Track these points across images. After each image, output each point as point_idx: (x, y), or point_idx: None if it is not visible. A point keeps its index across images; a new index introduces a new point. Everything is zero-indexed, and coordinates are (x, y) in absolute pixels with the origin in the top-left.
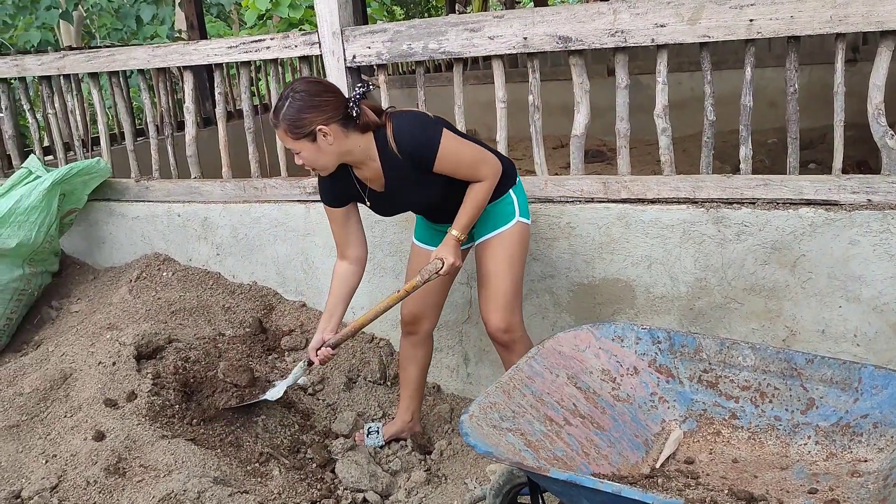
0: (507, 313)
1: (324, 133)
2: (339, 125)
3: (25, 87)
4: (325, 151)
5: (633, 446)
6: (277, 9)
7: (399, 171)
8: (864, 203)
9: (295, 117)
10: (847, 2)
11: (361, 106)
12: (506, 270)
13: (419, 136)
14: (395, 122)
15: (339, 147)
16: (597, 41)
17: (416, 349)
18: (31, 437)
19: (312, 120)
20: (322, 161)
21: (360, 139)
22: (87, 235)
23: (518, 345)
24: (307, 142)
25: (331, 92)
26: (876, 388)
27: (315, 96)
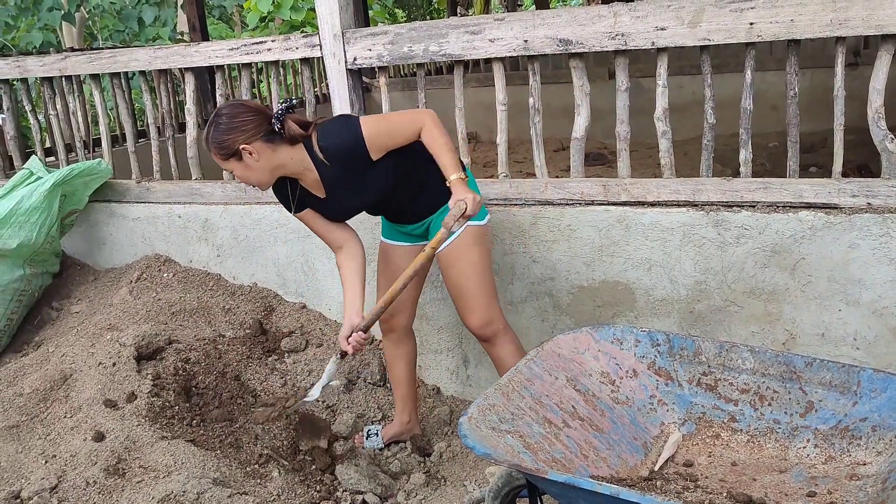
0: (482, 310)
1: (248, 151)
2: (264, 142)
3: (27, 88)
4: (254, 168)
5: (631, 449)
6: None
7: (336, 176)
8: (863, 206)
9: (220, 140)
10: (847, 5)
11: (286, 121)
12: (467, 272)
13: (342, 137)
14: (318, 132)
15: (267, 163)
16: (597, 44)
17: (397, 347)
18: (30, 437)
19: (235, 139)
20: (254, 177)
21: (290, 152)
22: (87, 236)
23: (501, 337)
24: (234, 161)
25: (251, 111)
26: (875, 391)
27: (234, 118)
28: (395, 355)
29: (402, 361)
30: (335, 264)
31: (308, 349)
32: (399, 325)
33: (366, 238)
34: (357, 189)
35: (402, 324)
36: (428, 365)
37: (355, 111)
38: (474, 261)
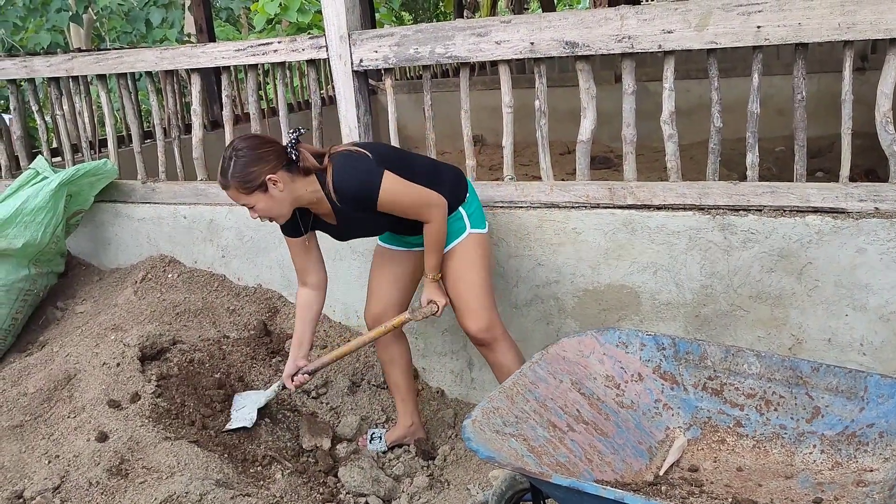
0: (481, 314)
1: (273, 181)
2: (285, 171)
3: (34, 89)
4: (278, 199)
5: (636, 453)
6: (286, 13)
7: (345, 212)
8: (871, 211)
9: (243, 173)
10: (855, 9)
11: (300, 150)
12: (466, 278)
13: (360, 186)
14: (335, 166)
15: (289, 193)
16: (604, 47)
17: (388, 350)
18: (34, 437)
19: (260, 172)
20: (276, 209)
21: (305, 183)
22: (93, 236)
23: (499, 343)
24: (260, 193)
25: (269, 142)
26: (882, 397)
27: (256, 149)
28: (386, 359)
29: (396, 365)
30: (339, 267)
31: (311, 351)
32: None
33: (367, 241)
34: (366, 222)
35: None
36: (432, 368)
37: (361, 113)
38: (476, 266)
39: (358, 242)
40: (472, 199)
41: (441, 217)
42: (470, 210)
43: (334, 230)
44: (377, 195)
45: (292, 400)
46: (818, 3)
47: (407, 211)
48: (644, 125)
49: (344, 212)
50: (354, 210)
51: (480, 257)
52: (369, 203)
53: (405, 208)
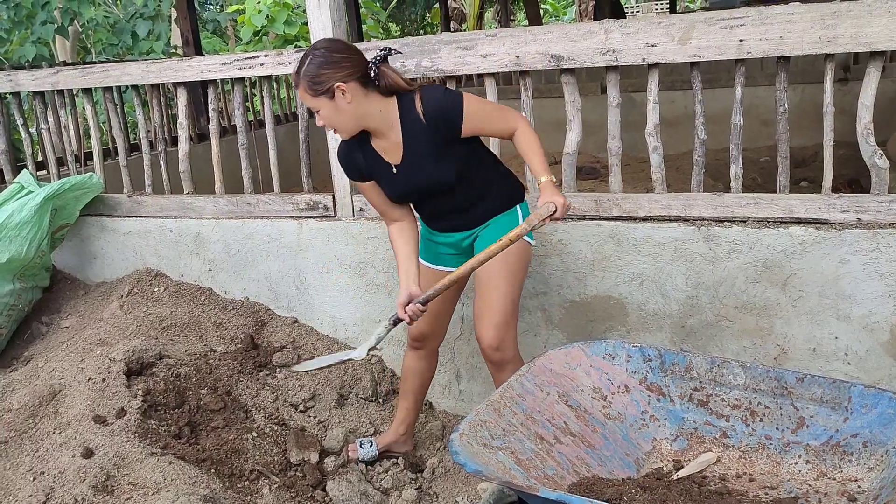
0: (502, 331)
1: (342, 91)
2: (359, 84)
3: (19, 102)
4: (344, 110)
5: (624, 465)
6: (273, 25)
7: (420, 140)
8: (853, 222)
9: (314, 73)
10: (835, 23)
11: (384, 69)
12: (505, 286)
13: (445, 99)
14: (423, 90)
15: (357, 107)
16: (588, 60)
17: (420, 362)
18: (18, 453)
19: (331, 76)
20: (340, 120)
21: (380, 102)
22: (78, 250)
23: (510, 365)
24: (325, 99)
25: (351, 51)
26: (865, 406)
27: (334, 52)
28: (414, 370)
29: (419, 378)
30: (327, 279)
31: (303, 359)
32: (429, 345)
33: (358, 250)
34: (433, 164)
35: (433, 345)
36: None
37: None
38: (515, 276)
39: (346, 254)
40: (527, 208)
41: (524, 122)
42: (525, 215)
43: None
44: (462, 107)
45: (279, 414)
46: (799, 17)
47: (492, 119)
48: (630, 135)
49: (416, 141)
50: (432, 137)
51: (521, 267)
52: (455, 117)
53: (490, 117)
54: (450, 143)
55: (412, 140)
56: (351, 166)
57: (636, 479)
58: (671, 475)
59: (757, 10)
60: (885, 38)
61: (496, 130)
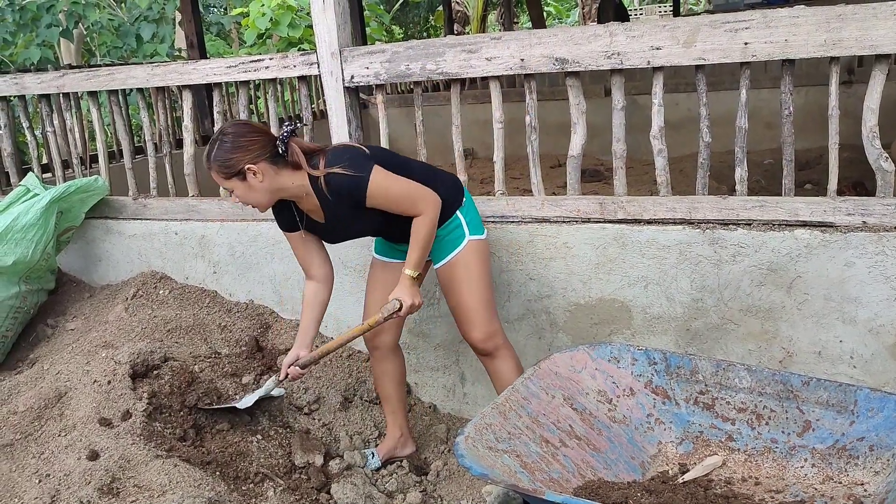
0: (484, 325)
1: (252, 171)
2: (268, 163)
3: (25, 105)
4: (256, 189)
5: (629, 468)
6: (277, 28)
7: (336, 206)
8: (859, 225)
9: (224, 158)
10: (840, 26)
11: (290, 145)
12: (469, 289)
13: (349, 178)
14: (327, 158)
15: (269, 184)
16: (593, 63)
17: (382, 364)
18: (24, 456)
19: (240, 159)
20: (254, 198)
21: (292, 176)
22: (83, 253)
23: (501, 351)
24: (237, 181)
25: (258, 132)
26: (871, 410)
27: (241, 137)
28: (380, 372)
29: (389, 378)
30: None
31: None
32: (383, 343)
33: (361, 252)
34: (356, 221)
35: (387, 342)
36: (424, 382)
37: (352, 128)
38: (477, 274)
39: (351, 256)
40: (470, 206)
41: (433, 212)
42: (468, 216)
43: (322, 228)
44: (366, 186)
45: (284, 416)
46: (804, 20)
47: (397, 204)
48: (634, 138)
49: (333, 207)
50: (344, 205)
51: (481, 264)
52: (359, 195)
53: (395, 201)
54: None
55: (329, 205)
56: (283, 220)
57: (641, 483)
58: (677, 479)
59: (762, 13)
60: (890, 40)
61: (400, 212)
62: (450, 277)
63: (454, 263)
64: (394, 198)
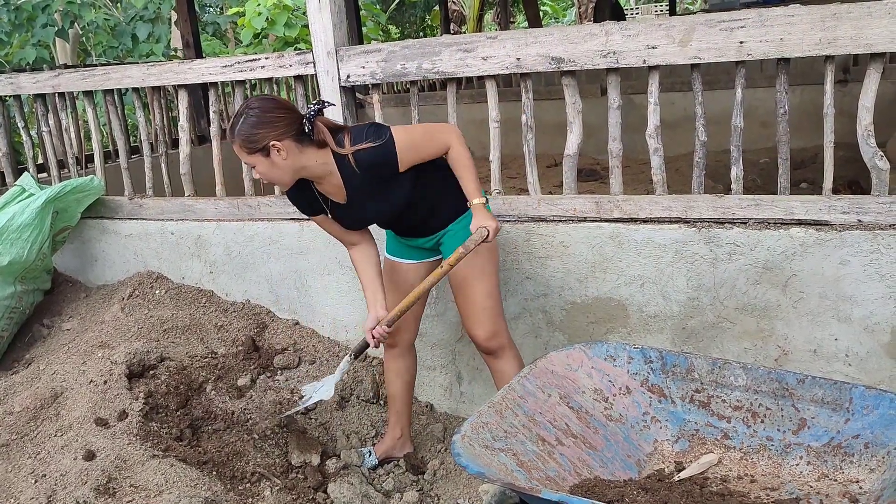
0: (491, 322)
1: (277, 148)
2: (293, 141)
3: (20, 105)
4: (279, 166)
5: (625, 466)
6: (273, 27)
7: (360, 184)
8: (854, 223)
9: (248, 133)
10: (835, 24)
11: (317, 123)
12: (481, 282)
13: (376, 154)
14: (352, 133)
15: (293, 162)
16: (589, 62)
17: (397, 362)
18: (20, 456)
19: (265, 135)
20: (277, 175)
21: (316, 154)
22: (79, 253)
23: (506, 351)
24: (261, 156)
25: (284, 108)
26: (867, 408)
27: (268, 112)
28: (394, 370)
29: (402, 378)
30: (328, 281)
31: (301, 366)
32: (402, 341)
33: None
34: (379, 198)
35: (406, 340)
36: (421, 382)
37: None
38: (486, 271)
39: (347, 256)
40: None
41: (458, 140)
42: None
43: (341, 211)
44: (394, 146)
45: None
46: (799, 18)
47: (425, 147)
48: (630, 137)
49: (359, 184)
50: (371, 179)
51: (490, 262)
52: (391, 160)
53: (422, 144)
54: (393, 177)
55: (352, 184)
56: (302, 204)
57: (637, 481)
58: (673, 477)
59: (757, 11)
60: (885, 39)
61: (432, 154)
62: (458, 271)
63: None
64: (419, 142)
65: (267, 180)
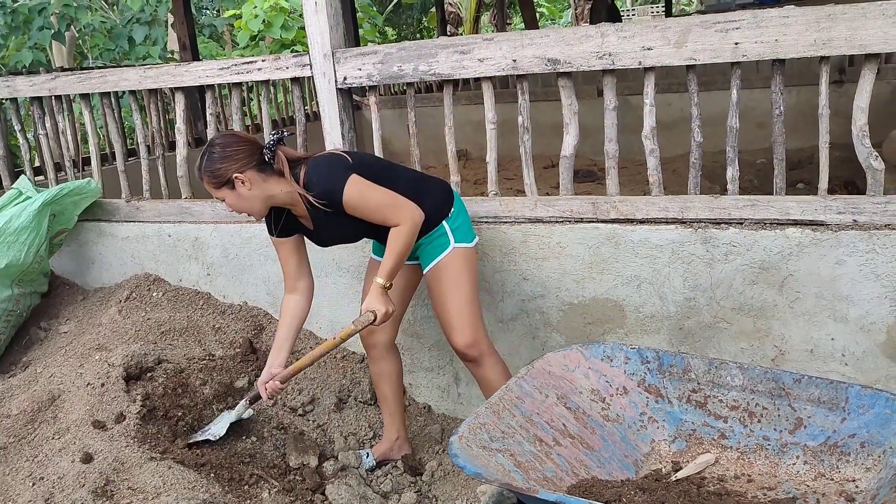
0: (467, 330)
1: (241, 180)
2: (256, 171)
3: (17, 108)
4: (246, 197)
5: (622, 466)
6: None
7: (319, 213)
8: (849, 223)
9: (212, 169)
10: (830, 25)
11: (277, 153)
12: (453, 293)
13: (325, 184)
14: (308, 167)
15: (259, 192)
16: (585, 63)
17: (379, 364)
18: (18, 459)
19: (228, 168)
20: (246, 206)
21: (280, 184)
22: (76, 256)
23: (486, 358)
24: (227, 189)
25: (244, 142)
26: (863, 407)
27: (227, 147)
28: (378, 373)
29: (387, 379)
30: (325, 283)
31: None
32: (379, 342)
33: (355, 253)
34: (343, 224)
35: (382, 340)
36: (419, 383)
37: (345, 130)
38: (461, 281)
39: (344, 257)
40: (459, 214)
41: (410, 223)
42: (454, 225)
43: (311, 234)
44: (340, 195)
45: (279, 418)
46: (794, 19)
47: (374, 213)
48: (626, 138)
49: (318, 214)
50: (328, 212)
51: (466, 272)
52: (334, 201)
53: (372, 210)
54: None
55: (315, 213)
56: (274, 225)
57: (635, 481)
58: (670, 476)
59: (752, 13)
60: (879, 40)
61: (378, 221)
62: (435, 283)
63: (439, 268)
64: (371, 208)
65: (238, 211)
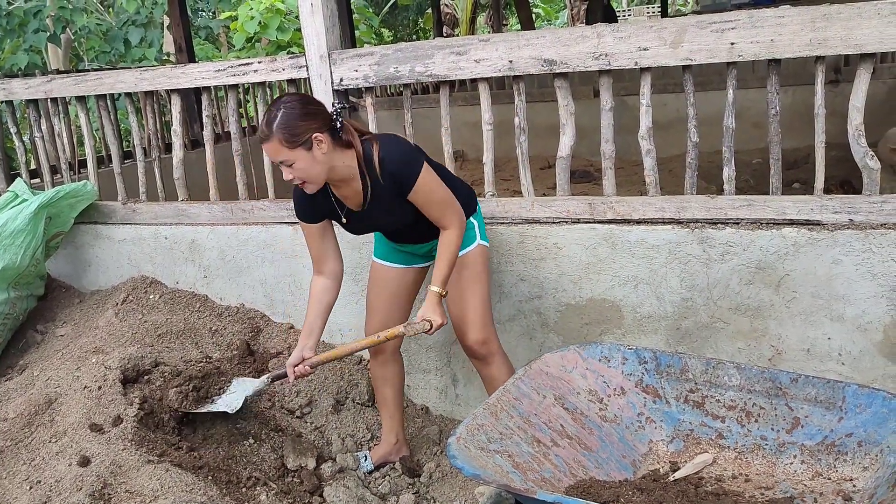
0: (482, 327)
1: (319, 140)
2: (329, 136)
3: (12, 110)
4: (319, 161)
5: (620, 467)
6: (266, 31)
7: (378, 192)
8: (846, 223)
9: (291, 125)
10: (826, 25)
11: (346, 123)
12: (473, 288)
13: (402, 164)
14: (381, 141)
15: (329, 158)
16: (581, 64)
17: (384, 368)
18: (15, 462)
19: (308, 127)
20: (315, 172)
21: (343, 155)
22: (73, 258)
23: (495, 357)
24: (303, 150)
25: (318, 103)
26: (859, 406)
27: (307, 104)
28: (381, 377)
29: (390, 383)
30: None
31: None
32: (388, 346)
33: (354, 255)
34: (394, 210)
35: (391, 345)
36: (416, 384)
37: None
38: (482, 278)
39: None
40: (479, 213)
41: (460, 227)
42: (479, 222)
43: (354, 217)
44: (417, 177)
45: (277, 420)
46: (789, 19)
47: (434, 207)
48: (623, 139)
49: (375, 193)
50: (388, 191)
51: (485, 270)
52: (408, 183)
53: (434, 203)
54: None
55: (373, 191)
56: (307, 209)
57: (633, 481)
58: (667, 477)
59: (748, 13)
60: (874, 40)
61: (429, 214)
62: (456, 277)
63: (462, 262)
64: (436, 200)
65: (303, 178)
